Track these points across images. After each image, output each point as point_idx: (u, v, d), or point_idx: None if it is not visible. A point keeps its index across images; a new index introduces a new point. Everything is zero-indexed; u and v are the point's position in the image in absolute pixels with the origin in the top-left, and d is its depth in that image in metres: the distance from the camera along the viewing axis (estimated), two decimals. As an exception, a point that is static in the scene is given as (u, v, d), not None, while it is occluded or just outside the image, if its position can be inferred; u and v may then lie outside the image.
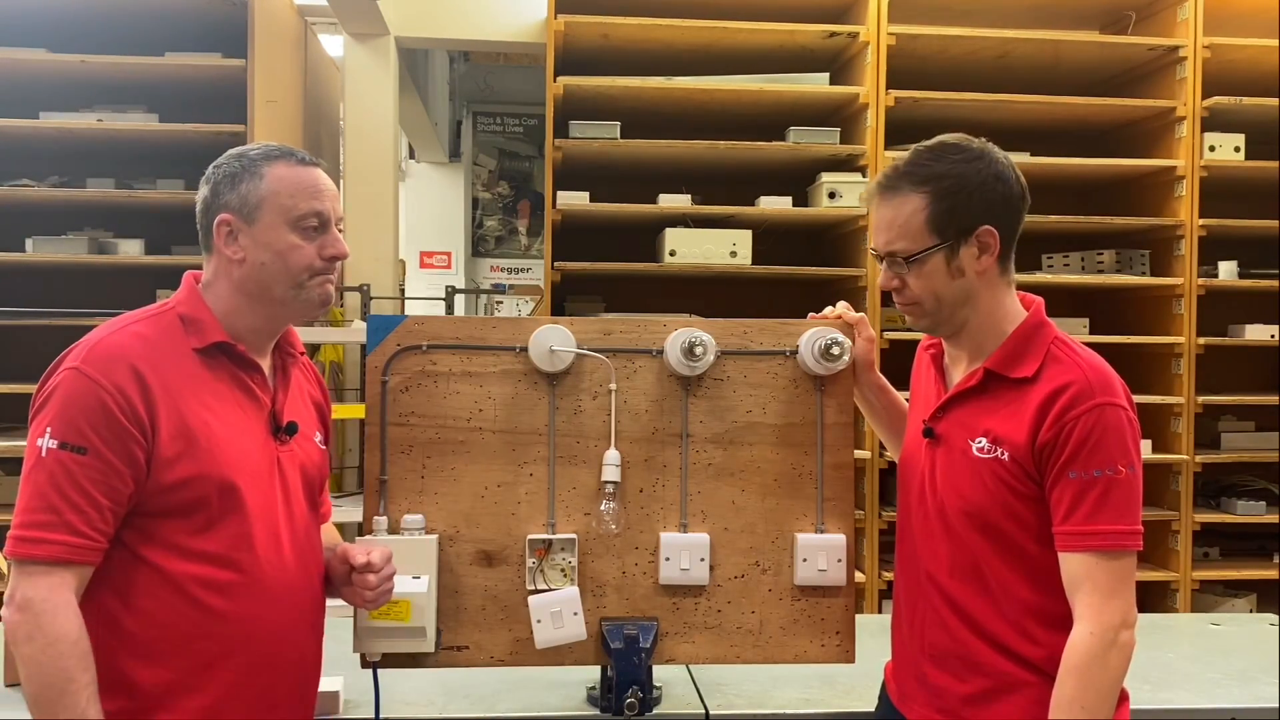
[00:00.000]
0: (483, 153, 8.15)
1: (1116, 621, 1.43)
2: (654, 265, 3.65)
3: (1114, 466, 1.45)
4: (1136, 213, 3.92)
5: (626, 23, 3.55)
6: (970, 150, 1.56)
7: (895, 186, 1.56)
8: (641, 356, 1.85)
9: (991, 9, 3.85)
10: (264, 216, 1.49)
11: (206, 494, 1.43)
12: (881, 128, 3.62)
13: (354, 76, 4.60)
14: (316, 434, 1.66)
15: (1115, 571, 1.44)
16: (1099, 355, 1.55)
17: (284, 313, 1.55)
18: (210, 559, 1.43)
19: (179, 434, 1.41)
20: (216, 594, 1.44)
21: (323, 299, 1.55)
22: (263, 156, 1.51)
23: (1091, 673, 1.42)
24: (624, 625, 1.80)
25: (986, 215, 1.53)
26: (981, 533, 1.53)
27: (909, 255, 1.55)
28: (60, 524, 1.34)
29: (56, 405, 1.38)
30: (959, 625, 1.56)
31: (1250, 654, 2.28)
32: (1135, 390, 1.57)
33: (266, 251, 1.49)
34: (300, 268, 1.50)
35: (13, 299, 3.70)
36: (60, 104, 3.72)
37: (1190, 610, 3.69)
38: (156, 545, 1.42)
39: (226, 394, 1.49)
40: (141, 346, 1.43)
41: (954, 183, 1.53)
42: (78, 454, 1.35)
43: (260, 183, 1.49)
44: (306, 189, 1.51)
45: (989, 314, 1.58)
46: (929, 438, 1.62)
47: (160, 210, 3.82)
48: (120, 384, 1.38)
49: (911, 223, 1.54)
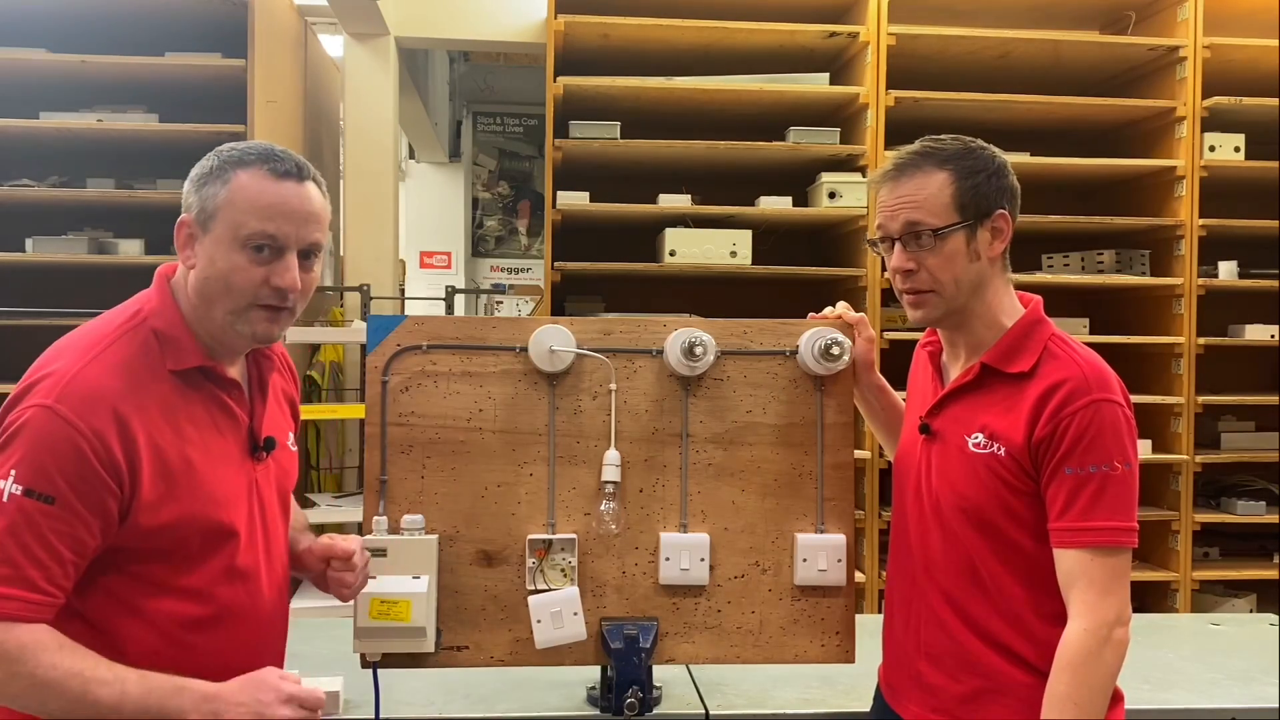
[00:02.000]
0: (483, 153, 8.15)
1: (1111, 618, 1.43)
2: (654, 265, 3.65)
3: (1110, 463, 1.45)
4: (1136, 213, 3.92)
5: (626, 23, 3.55)
6: (975, 142, 1.59)
7: (917, 164, 1.56)
8: (641, 356, 1.85)
9: (991, 9, 3.85)
10: (216, 227, 1.36)
11: (188, 536, 1.36)
12: (881, 128, 3.62)
13: (354, 76, 4.60)
14: (289, 436, 1.59)
15: (1110, 568, 1.44)
16: (1096, 353, 1.55)
17: (221, 335, 1.41)
18: (188, 594, 1.37)
19: (161, 476, 1.33)
20: (193, 630, 1.38)
21: (261, 336, 1.41)
22: (236, 159, 1.38)
23: (1086, 670, 1.42)
24: (624, 625, 1.80)
25: (1002, 199, 1.56)
26: (977, 529, 1.53)
27: (936, 229, 1.53)
28: (18, 579, 1.24)
29: (24, 447, 1.25)
30: (954, 623, 1.56)
31: (1250, 654, 2.28)
32: (1135, 390, 1.57)
33: (211, 266, 1.37)
34: (241, 292, 1.36)
35: (13, 299, 3.70)
36: (60, 104, 3.72)
37: (1190, 610, 3.69)
38: (133, 582, 1.35)
39: (204, 418, 1.40)
40: (121, 383, 1.32)
41: (975, 163, 1.56)
42: (44, 503, 1.24)
43: (222, 189, 1.36)
44: (265, 206, 1.36)
45: (991, 306, 1.58)
46: (925, 434, 1.62)
47: (160, 210, 3.81)
48: (100, 430, 1.27)
49: (939, 197, 1.54)
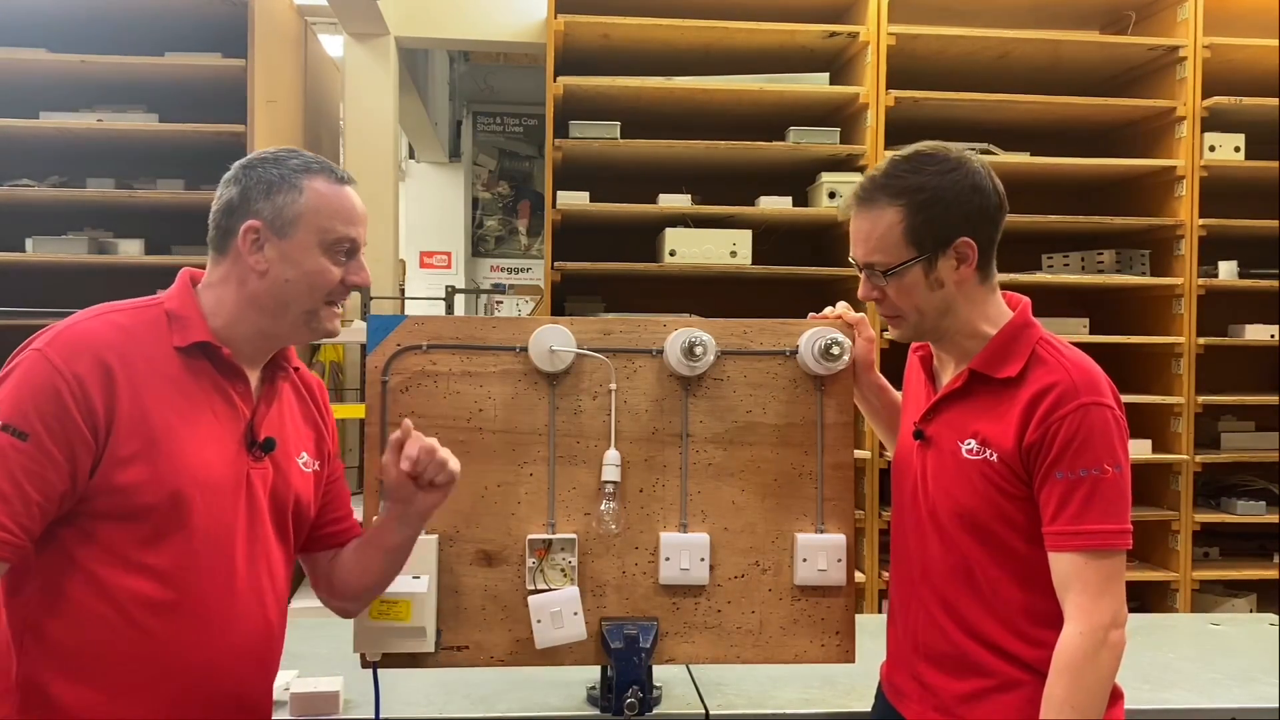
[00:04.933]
0: (483, 153, 8.15)
1: (1106, 621, 1.43)
2: (654, 265, 3.65)
3: (1100, 466, 1.45)
4: (1136, 213, 3.92)
5: (626, 23, 3.55)
6: (947, 161, 1.54)
7: (872, 199, 1.56)
8: (641, 356, 1.85)
9: (991, 9, 3.85)
10: (298, 233, 1.44)
11: (156, 501, 1.34)
12: (881, 128, 3.62)
13: (354, 76, 4.60)
14: (303, 455, 1.56)
15: (1104, 571, 1.44)
16: (1086, 355, 1.54)
17: (289, 333, 1.49)
18: (151, 573, 1.34)
19: (137, 433, 1.33)
20: (153, 613, 1.35)
21: (330, 331, 1.51)
22: (302, 169, 1.46)
23: (1082, 673, 1.42)
24: (624, 625, 1.80)
25: (964, 227, 1.53)
26: (972, 534, 1.53)
27: (887, 268, 1.55)
28: None
29: (10, 385, 1.30)
30: (952, 626, 1.56)
31: (1250, 654, 2.28)
32: (1135, 390, 1.57)
33: (294, 269, 1.44)
34: (322, 291, 1.46)
35: (13, 299, 3.70)
36: (60, 104, 3.72)
37: (1190, 610, 3.69)
38: (96, 549, 1.33)
39: (201, 399, 1.41)
40: (115, 336, 1.36)
41: (930, 195, 1.52)
42: (18, 439, 1.27)
43: (299, 197, 1.44)
44: (344, 212, 1.48)
45: (970, 320, 1.58)
46: (919, 440, 1.62)
47: (160, 210, 3.82)
48: (81, 374, 1.31)
49: (889, 236, 1.54)
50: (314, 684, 1.90)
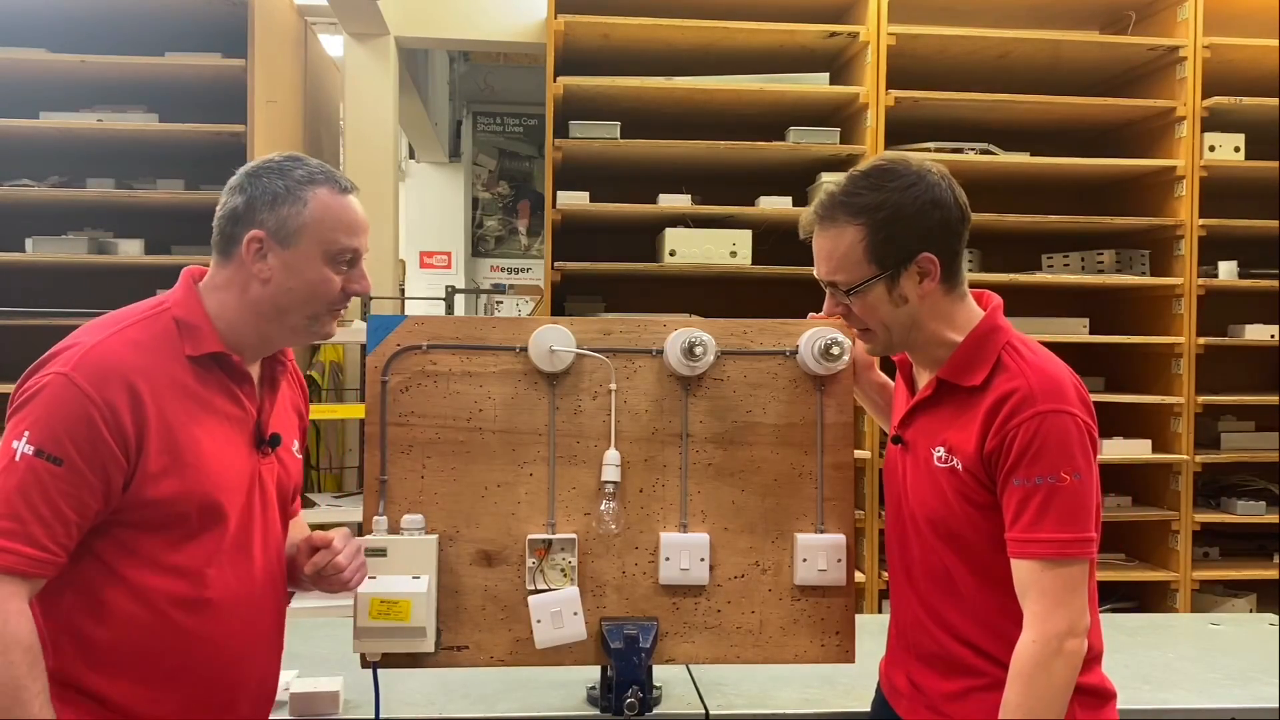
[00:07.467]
0: (483, 153, 8.15)
1: (1062, 629, 1.42)
2: (654, 265, 3.65)
3: (1056, 474, 1.43)
4: (1136, 213, 3.92)
5: (627, 23, 3.55)
6: (907, 175, 1.53)
7: (832, 216, 1.55)
8: (641, 356, 1.85)
9: (991, 9, 3.85)
10: (301, 244, 1.48)
11: (188, 511, 1.41)
12: (881, 128, 3.61)
13: (354, 76, 4.60)
14: (295, 443, 1.65)
15: (1061, 579, 1.43)
16: (1056, 358, 1.53)
17: (288, 337, 1.55)
18: (181, 573, 1.41)
19: (166, 449, 1.39)
20: (185, 610, 1.42)
21: (328, 334, 1.57)
22: (306, 180, 1.49)
23: (1034, 680, 1.42)
24: (624, 625, 1.80)
25: (925, 243, 1.52)
26: (946, 540, 1.54)
27: (850, 287, 1.55)
28: (22, 534, 1.30)
29: (39, 410, 1.33)
30: (936, 627, 1.58)
31: (1250, 654, 2.28)
32: (1135, 390, 1.56)
33: (296, 278, 1.48)
34: (323, 299, 1.51)
35: (13, 299, 3.70)
36: (60, 104, 3.72)
37: (1190, 610, 3.68)
38: (130, 557, 1.39)
39: (215, 404, 1.47)
40: (136, 357, 1.40)
41: (890, 213, 1.51)
42: (53, 464, 1.31)
43: (303, 209, 1.47)
44: (347, 223, 1.51)
45: (937, 330, 1.57)
46: (898, 444, 1.63)
47: (160, 210, 3.82)
48: (111, 400, 1.35)
49: (850, 254, 1.54)
50: (314, 684, 1.91)
